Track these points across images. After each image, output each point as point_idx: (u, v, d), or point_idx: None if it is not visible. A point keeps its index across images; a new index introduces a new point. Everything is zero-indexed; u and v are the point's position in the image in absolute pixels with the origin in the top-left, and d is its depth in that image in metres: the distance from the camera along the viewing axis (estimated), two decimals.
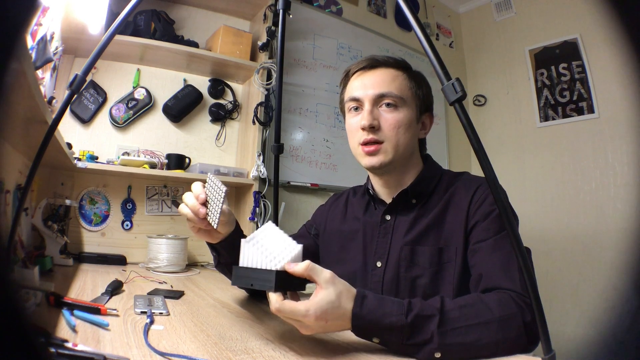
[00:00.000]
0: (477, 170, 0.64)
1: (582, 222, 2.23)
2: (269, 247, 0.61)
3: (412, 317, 0.58)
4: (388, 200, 0.89)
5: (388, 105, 0.83)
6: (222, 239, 0.78)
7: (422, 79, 0.90)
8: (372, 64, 0.87)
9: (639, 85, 0.32)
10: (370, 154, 0.83)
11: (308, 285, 0.62)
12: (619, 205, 2.10)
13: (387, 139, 0.83)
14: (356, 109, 0.87)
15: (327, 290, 0.57)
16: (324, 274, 0.59)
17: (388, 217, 0.88)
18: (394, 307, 0.59)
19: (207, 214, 0.71)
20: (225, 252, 0.82)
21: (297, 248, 0.62)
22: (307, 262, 0.59)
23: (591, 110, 2.27)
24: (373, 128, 0.82)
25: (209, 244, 0.83)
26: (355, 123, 0.86)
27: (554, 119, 2.44)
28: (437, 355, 0.57)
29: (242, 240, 0.64)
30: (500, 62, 2.77)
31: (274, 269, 0.58)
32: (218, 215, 0.69)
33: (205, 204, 0.72)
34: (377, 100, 0.84)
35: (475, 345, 0.59)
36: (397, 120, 0.83)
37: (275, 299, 0.57)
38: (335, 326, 0.59)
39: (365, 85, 0.85)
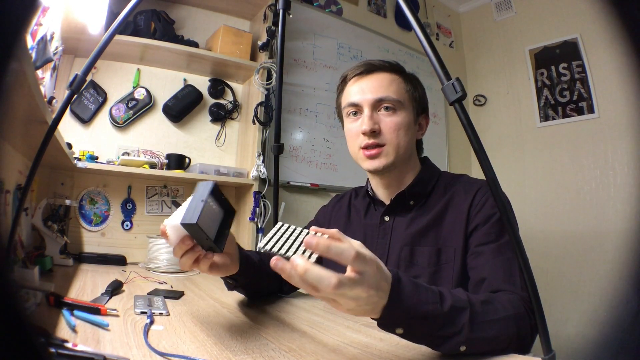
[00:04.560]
0: (477, 170, 0.64)
1: (582, 222, 2.23)
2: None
3: (447, 307, 0.54)
4: (387, 202, 0.90)
5: (387, 109, 0.84)
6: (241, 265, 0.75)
7: (417, 81, 0.91)
8: (369, 68, 0.87)
9: (639, 85, 0.32)
10: (372, 157, 0.84)
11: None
12: (619, 205, 2.10)
13: (387, 142, 0.84)
14: (355, 113, 0.87)
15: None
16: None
17: (387, 219, 0.89)
18: (429, 294, 0.54)
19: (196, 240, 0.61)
20: (242, 275, 0.77)
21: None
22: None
23: (591, 110, 2.27)
24: (374, 132, 0.83)
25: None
26: (355, 128, 0.86)
27: (554, 119, 2.44)
28: (462, 348, 0.56)
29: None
30: (500, 62, 2.77)
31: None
32: (221, 237, 0.61)
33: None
34: (376, 104, 0.85)
35: (494, 340, 0.58)
36: (396, 123, 0.83)
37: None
38: (369, 293, 0.47)
39: (364, 90, 0.86)
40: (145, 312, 0.73)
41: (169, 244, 0.63)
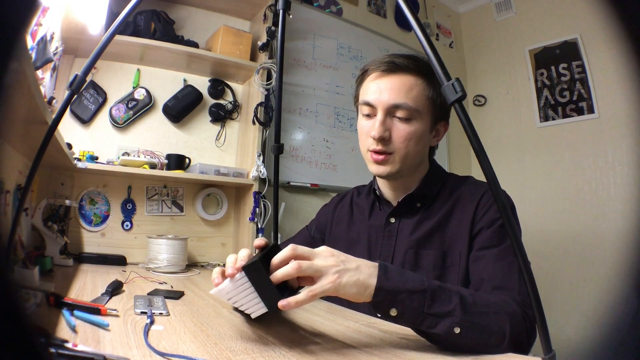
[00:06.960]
0: (477, 171, 0.64)
1: (582, 222, 2.23)
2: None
3: (434, 286, 0.59)
4: (393, 202, 0.90)
5: (401, 117, 0.81)
6: None
7: None
8: (392, 68, 0.82)
9: (639, 85, 0.32)
10: (378, 162, 0.83)
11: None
12: (619, 205, 2.10)
13: (396, 150, 0.81)
14: (369, 114, 0.85)
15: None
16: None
17: (392, 220, 0.89)
18: (416, 277, 0.60)
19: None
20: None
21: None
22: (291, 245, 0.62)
23: (591, 110, 2.27)
24: (383, 139, 0.81)
25: None
26: (366, 128, 0.84)
27: (554, 119, 2.44)
28: (457, 330, 0.56)
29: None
30: (500, 62, 2.77)
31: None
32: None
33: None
34: (391, 110, 0.81)
35: (486, 329, 0.59)
36: (408, 132, 0.81)
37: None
38: (352, 276, 0.58)
39: (381, 91, 0.81)
40: (145, 312, 0.73)
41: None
